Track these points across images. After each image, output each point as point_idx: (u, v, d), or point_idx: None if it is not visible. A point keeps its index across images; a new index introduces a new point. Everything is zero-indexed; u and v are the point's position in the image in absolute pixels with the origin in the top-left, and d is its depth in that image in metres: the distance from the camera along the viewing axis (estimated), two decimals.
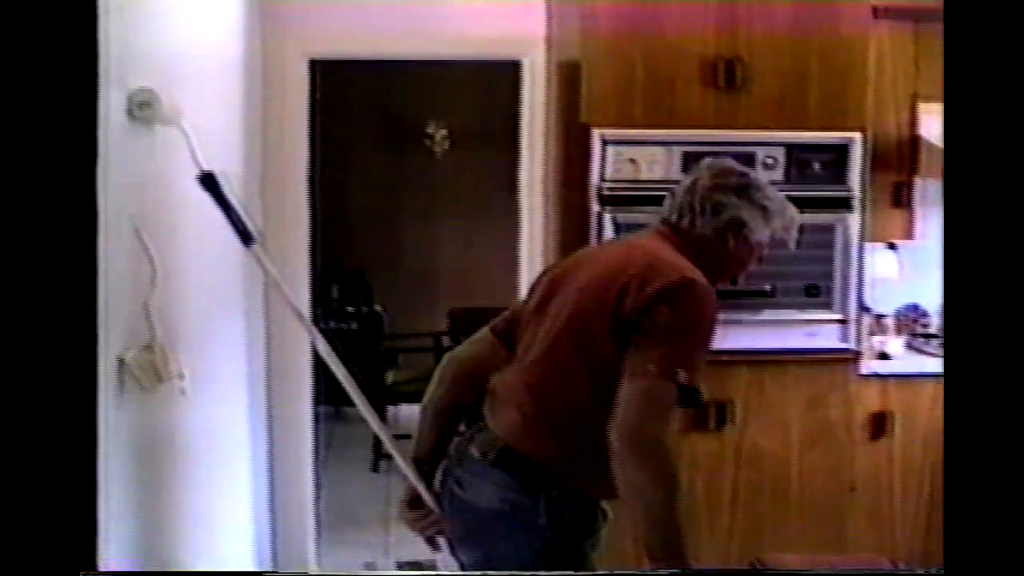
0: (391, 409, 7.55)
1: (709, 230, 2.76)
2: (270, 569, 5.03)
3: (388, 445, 3.01)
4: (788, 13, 4.33)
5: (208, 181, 2.72)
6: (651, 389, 2.45)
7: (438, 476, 2.86)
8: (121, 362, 2.49)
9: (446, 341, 7.80)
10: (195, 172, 2.74)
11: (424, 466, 2.87)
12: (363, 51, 5.20)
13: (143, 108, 2.57)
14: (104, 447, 2.43)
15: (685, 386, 2.46)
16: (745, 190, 2.79)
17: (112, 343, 2.47)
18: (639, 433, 2.43)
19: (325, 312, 7.08)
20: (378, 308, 8.45)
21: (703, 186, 2.78)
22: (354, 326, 8.36)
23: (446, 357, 2.95)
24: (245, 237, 2.77)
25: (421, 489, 2.81)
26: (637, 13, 4.31)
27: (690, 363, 2.50)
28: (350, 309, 8.34)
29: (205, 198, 2.75)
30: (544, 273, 2.98)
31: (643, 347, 2.50)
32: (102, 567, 2.21)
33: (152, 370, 2.60)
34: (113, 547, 2.48)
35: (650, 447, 2.43)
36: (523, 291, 5.10)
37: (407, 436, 7.74)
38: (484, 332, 2.92)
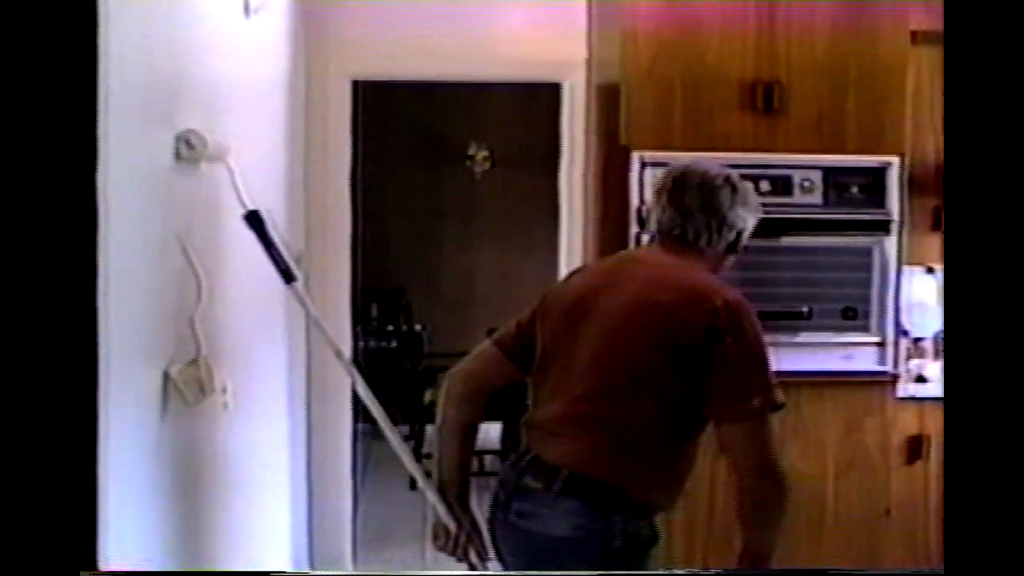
0: (429, 428, 7.58)
1: (723, 246, 2.82)
2: None
3: (421, 481, 3.04)
4: (827, 37, 4.36)
5: (253, 219, 2.79)
6: (766, 424, 2.62)
7: (487, 509, 2.89)
8: (167, 376, 2.54)
9: None
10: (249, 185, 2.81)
11: (454, 488, 2.88)
12: (405, 72, 5.26)
13: (189, 148, 2.63)
14: (148, 460, 2.49)
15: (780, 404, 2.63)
16: (748, 197, 2.86)
17: (158, 357, 2.53)
18: (774, 467, 2.63)
19: (365, 331, 7.12)
20: (417, 327, 8.50)
21: (726, 207, 2.80)
22: (394, 345, 8.41)
23: (449, 376, 2.98)
24: (287, 276, 2.84)
25: (442, 511, 2.83)
26: (677, 37, 4.34)
27: (774, 380, 2.65)
28: (390, 328, 8.39)
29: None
30: (549, 296, 2.99)
31: (732, 383, 2.61)
32: (101, 566, 2.23)
33: (197, 384, 2.65)
34: (157, 557, 2.54)
35: (781, 475, 2.64)
36: None
37: None
38: (488, 347, 2.96)
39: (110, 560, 2.06)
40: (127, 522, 2.25)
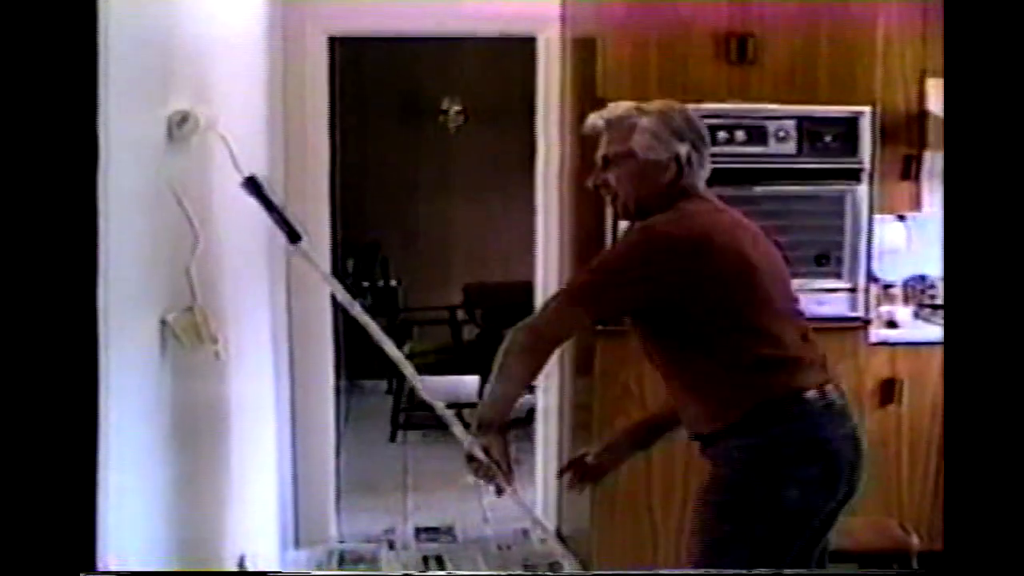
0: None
1: None
2: (293, 536, 5.17)
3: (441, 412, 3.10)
4: None
5: (251, 185, 2.85)
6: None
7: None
8: (164, 323, 2.61)
9: (460, 315, 7.91)
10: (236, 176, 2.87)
11: (501, 427, 2.88)
12: (380, 28, 5.29)
13: (181, 126, 2.69)
14: (147, 405, 2.56)
15: None
16: None
17: (155, 307, 2.60)
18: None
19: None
20: (393, 282, 8.55)
21: None
22: (369, 300, 8.46)
23: (534, 332, 2.86)
24: (292, 235, 2.89)
25: (478, 451, 2.84)
26: None
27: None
28: (366, 283, 8.44)
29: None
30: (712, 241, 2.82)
31: None
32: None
33: (193, 330, 2.72)
34: (152, 510, 2.60)
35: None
36: (540, 265, 5.24)
37: (423, 408, 7.82)
38: (578, 312, 2.86)
39: (111, 501, 2.09)
40: (128, 468, 2.31)
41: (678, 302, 2.76)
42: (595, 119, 2.99)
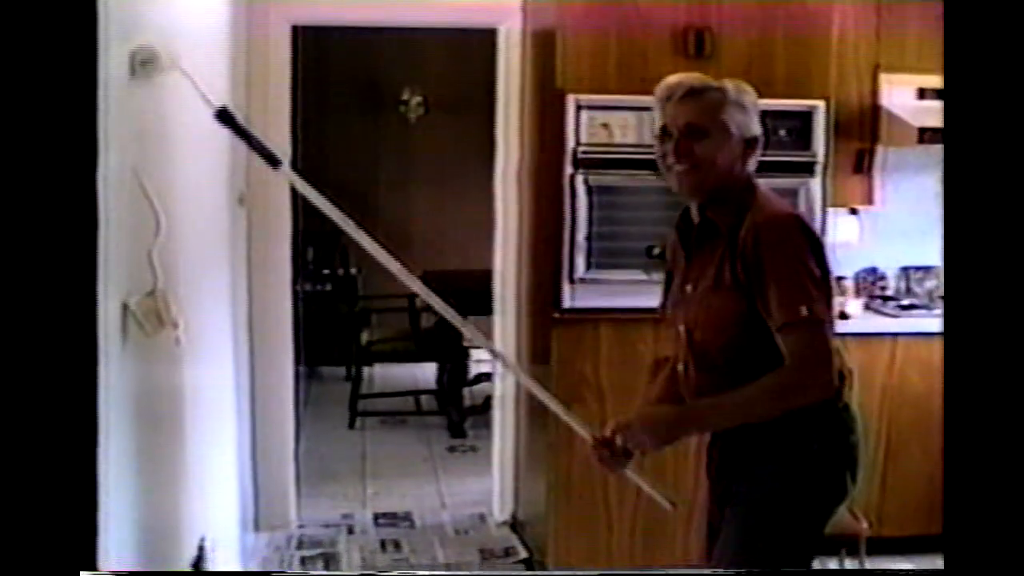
0: (366, 369, 7.71)
1: None
2: (253, 521, 5.20)
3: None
4: None
5: (224, 116, 2.82)
6: None
7: None
8: (125, 307, 2.62)
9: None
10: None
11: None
12: (343, 17, 5.32)
13: (145, 65, 2.68)
14: (106, 395, 2.58)
15: None
16: None
17: (113, 293, 2.61)
18: None
19: (302, 274, 7.21)
20: (353, 270, 8.58)
21: None
22: (329, 288, 8.50)
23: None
24: (272, 161, 2.86)
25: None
26: None
27: None
28: (326, 271, 8.47)
29: (199, 152, 2.88)
30: None
31: None
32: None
33: (155, 315, 2.74)
34: (112, 496, 2.63)
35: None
36: (498, 254, 5.30)
37: (380, 395, 7.84)
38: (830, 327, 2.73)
39: None
40: None
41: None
42: (679, 80, 2.77)
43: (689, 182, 2.74)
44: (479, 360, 7.31)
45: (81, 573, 1.93)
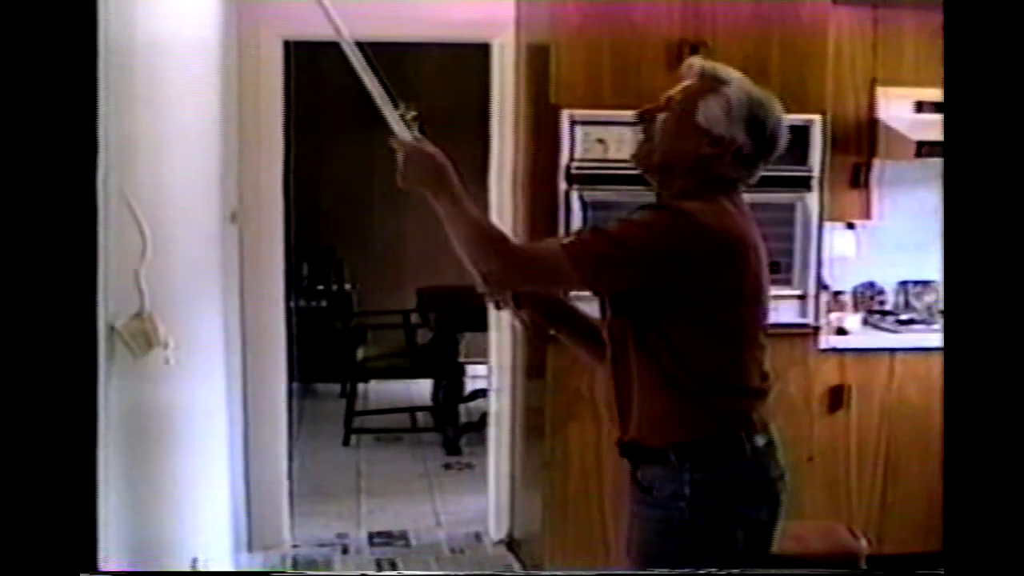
0: (361, 386, 7.67)
1: None
2: (247, 541, 5.15)
3: None
4: None
5: None
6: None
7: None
8: (112, 329, 2.59)
9: (414, 318, 7.91)
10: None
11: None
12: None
13: None
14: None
15: None
16: None
17: (103, 312, 2.58)
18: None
19: (296, 290, 7.18)
20: (348, 286, 8.55)
21: None
22: (324, 304, 8.46)
23: (517, 255, 2.78)
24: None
25: None
26: None
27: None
28: (320, 287, 8.44)
29: (190, 175, 2.86)
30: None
31: None
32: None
33: (143, 336, 2.71)
34: (103, 512, 2.59)
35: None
36: None
37: (375, 412, 7.82)
38: (571, 274, 2.62)
39: None
40: None
41: (683, 297, 2.53)
42: (694, 61, 2.73)
43: (639, 150, 2.69)
44: (475, 376, 7.27)
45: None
